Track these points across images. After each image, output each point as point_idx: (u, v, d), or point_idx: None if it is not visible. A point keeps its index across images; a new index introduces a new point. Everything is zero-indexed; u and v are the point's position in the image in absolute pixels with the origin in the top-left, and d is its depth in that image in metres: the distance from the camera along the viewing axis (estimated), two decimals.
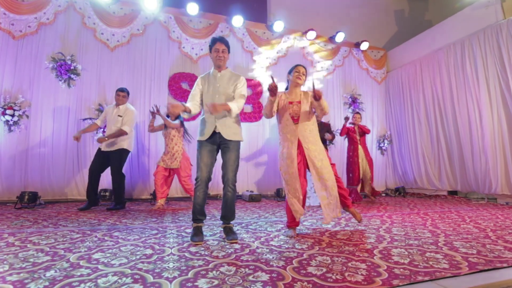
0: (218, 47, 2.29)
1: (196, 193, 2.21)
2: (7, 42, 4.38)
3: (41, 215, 3.23)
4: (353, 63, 6.73)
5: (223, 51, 2.31)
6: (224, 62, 2.34)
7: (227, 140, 2.24)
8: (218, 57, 2.29)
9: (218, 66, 2.33)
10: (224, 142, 2.25)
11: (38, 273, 1.43)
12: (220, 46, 2.30)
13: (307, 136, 2.42)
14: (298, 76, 2.49)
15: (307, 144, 2.40)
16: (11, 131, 4.25)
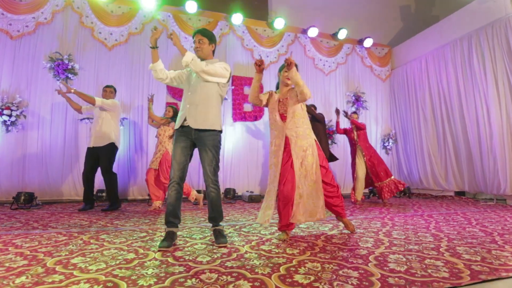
0: (195, 38, 2.19)
1: (169, 192, 2.08)
2: (4, 42, 4.37)
3: (34, 216, 3.20)
4: (356, 60, 6.57)
5: (200, 41, 2.15)
6: (202, 53, 2.17)
7: (200, 134, 2.08)
8: (195, 48, 2.18)
9: (200, 57, 2.17)
10: (198, 136, 2.09)
11: (8, 279, 1.36)
12: (197, 37, 2.17)
13: (296, 133, 2.31)
14: (287, 76, 2.36)
15: (295, 139, 2.30)
16: (8, 131, 4.24)
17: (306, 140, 2.36)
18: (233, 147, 5.48)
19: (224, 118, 5.49)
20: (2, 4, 4.41)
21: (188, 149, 2.14)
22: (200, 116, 2.08)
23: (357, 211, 3.82)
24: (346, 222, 2.45)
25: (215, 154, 2.13)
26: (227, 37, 5.65)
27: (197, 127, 2.08)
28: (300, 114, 2.37)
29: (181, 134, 2.12)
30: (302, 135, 2.35)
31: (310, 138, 2.40)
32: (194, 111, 2.08)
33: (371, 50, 6.66)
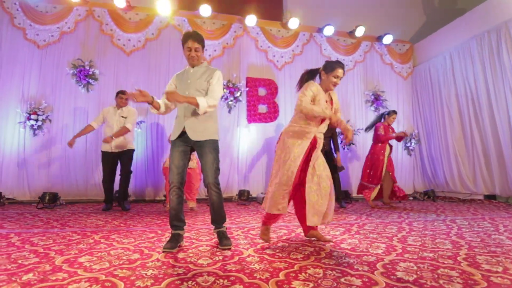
0: (190, 45, 2.06)
1: (170, 197, 2.08)
2: (32, 52, 4.67)
3: (55, 215, 3.36)
4: (375, 58, 6.34)
5: (196, 49, 2.08)
6: (197, 61, 2.15)
7: (200, 142, 2.08)
8: (190, 57, 2.10)
9: (192, 65, 2.16)
10: (196, 143, 2.10)
11: (16, 275, 1.43)
12: (193, 45, 2.06)
13: (321, 137, 2.26)
14: (335, 83, 2.19)
15: (320, 141, 2.23)
16: (35, 135, 4.52)
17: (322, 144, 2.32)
18: (248, 148, 5.47)
19: (238, 119, 5.51)
20: (30, 17, 4.71)
21: (187, 153, 2.14)
22: (199, 128, 2.08)
23: (373, 214, 3.66)
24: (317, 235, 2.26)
25: (216, 157, 2.12)
26: (241, 39, 5.67)
27: (196, 138, 2.08)
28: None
29: (180, 140, 2.12)
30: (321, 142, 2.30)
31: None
32: (192, 123, 2.07)
33: (391, 47, 6.40)
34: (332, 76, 2.18)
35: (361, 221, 3.13)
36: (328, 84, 2.20)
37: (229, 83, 5.40)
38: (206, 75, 2.15)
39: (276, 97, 5.72)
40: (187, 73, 2.18)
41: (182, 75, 2.20)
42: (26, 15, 4.71)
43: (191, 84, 2.12)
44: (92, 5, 5.02)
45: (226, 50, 5.56)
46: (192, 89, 2.11)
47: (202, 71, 2.16)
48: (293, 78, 5.84)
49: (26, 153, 4.51)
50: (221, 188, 2.16)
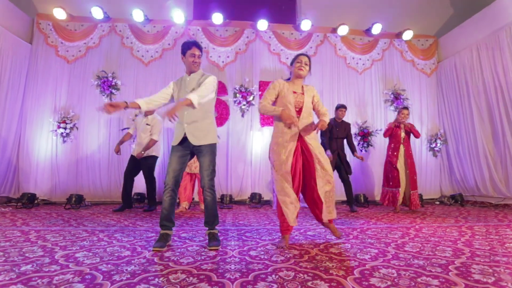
0: (194, 52, 2.23)
1: (163, 197, 2.19)
2: (63, 66, 5.16)
3: (76, 215, 3.67)
4: (395, 55, 6.06)
5: (199, 56, 2.26)
6: (198, 67, 2.30)
7: (200, 147, 2.20)
8: (194, 62, 2.24)
9: (192, 71, 2.28)
10: (197, 147, 2.21)
11: (18, 266, 1.61)
12: (197, 51, 2.24)
13: (310, 136, 2.25)
14: (300, 67, 2.29)
15: (310, 140, 2.23)
16: (64, 142, 4.97)
17: (317, 141, 2.32)
18: (261, 152, 5.50)
19: (252, 123, 5.58)
20: (61, 35, 5.22)
21: (186, 157, 2.25)
22: (200, 133, 2.19)
23: (384, 218, 3.50)
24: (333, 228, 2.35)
25: (213, 160, 2.22)
26: (254, 44, 5.75)
27: (198, 144, 2.19)
28: (311, 114, 2.32)
29: (180, 146, 2.23)
30: (314, 136, 2.29)
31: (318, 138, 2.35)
32: (193, 129, 2.19)
33: (413, 43, 6.07)
34: (295, 63, 2.31)
35: (366, 226, 3.01)
36: (294, 71, 2.32)
37: (242, 87, 5.50)
38: (201, 80, 2.26)
39: None
40: (185, 82, 2.31)
41: (181, 84, 2.33)
42: (58, 34, 5.23)
43: (186, 91, 2.24)
44: (114, 21, 5.43)
45: (239, 55, 5.68)
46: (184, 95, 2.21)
47: (198, 78, 2.28)
48: (306, 79, 5.74)
49: (57, 159, 4.97)
50: (215, 190, 2.25)
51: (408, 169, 4.17)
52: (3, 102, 4.62)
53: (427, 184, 5.69)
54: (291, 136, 2.21)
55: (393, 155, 4.27)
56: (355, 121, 5.76)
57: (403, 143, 4.26)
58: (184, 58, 2.27)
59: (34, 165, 4.91)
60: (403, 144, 4.25)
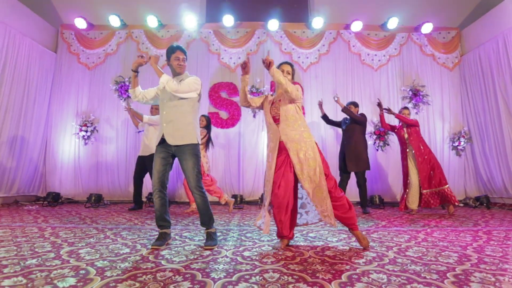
0: (178, 55, 2.27)
1: (154, 200, 2.23)
2: (84, 73, 5.48)
3: (94, 213, 3.88)
4: (413, 50, 5.78)
5: (183, 59, 2.30)
6: (183, 70, 2.33)
7: (179, 147, 2.19)
8: (179, 65, 2.28)
9: (176, 74, 2.32)
10: (177, 149, 2.21)
11: (24, 260, 1.73)
12: (181, 55, 2.28)
13: (291, 135, 2.20)
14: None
15: (291, 143, 2.18)
16: (86, 144, 5.27)
17: (304, 144, 2.22)
18: None
19: (263, 124, 5.57)
20: (82, 43, 5.54)
21: (168, 159, 2.25)
22: (177, 133, 2.20)
23: (395, 221, 3.36)
24: (358, 235, 2.16)
25: (196, 162, 2.22)
26: (265, 44, 5.75)
27: (175, 143, 2.20)
28: (294, 116, 2.24)
29: (161, 147, 2.26)
30: (299, 138, 2.22)
31: (308, 141, 2.25)
32: (170, 129, 2.20)
33: (433, 36, 5.76)
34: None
35: (373, 229, 2.91)
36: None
37: (253, 88, 5.52)
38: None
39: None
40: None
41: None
42: (79, 42, 5.56)
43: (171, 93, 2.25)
44: (130, 28, 5.67)
45: (250, 56, 5.70)
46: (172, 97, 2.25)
47: (181, 79, 2.31)
48: (319, 78, 5.70)
49: (79, 160, 5.29)
50: (205, 191, 2.27)
51: (418, 168, 3.96)
52: (31, 108, 4.99)
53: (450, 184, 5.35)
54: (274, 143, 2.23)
55: (403, 159, 4.14)
56: (371, 120, 5.57)
57: (410, 142, 4.07)
58: (169, 62, 2.32)
59: (59, 166, 5.26)
60: (410, 144, 4.06)
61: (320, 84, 5.68)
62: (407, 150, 4.11)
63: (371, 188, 5.36)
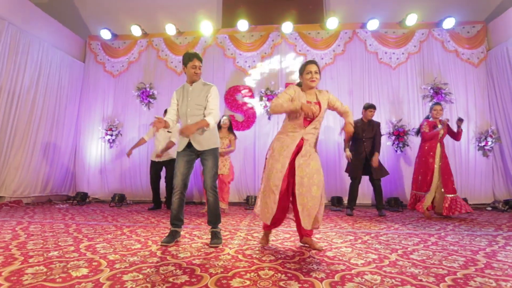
0: (196, 63, 2.36)
1: (173, 199, 2.36)
2: (109, 81, 5.85)
3: (116, 212, 4.14)
4: (434, 46, 5.55)
5: (200, 67, 2.40)
6: (199, 77, 2.43)
7: (204, 150, 2.35)
8: (195, 73, 2.37)
9: (193, 81, 2.42)
10: (202, 152, 2.36)
11: (47, 252, 1.93)
12: (198, 63, 2.37)
13: (310, 142, 2.22)
14: (311, 78, 2.19)
15: (308, 147, 2.19)
16: (111, 147, 5.62)
17: (315, 148, 2.28)
18: None
19: (278, 125, 5.61)
20: (107, 53, 5.93)
21: (192, 162, 2.41)
22: (203, 141, 2.35)
23: (411, 224, 3.26)
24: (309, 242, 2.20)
25: (215, 162, 2.37)
26: (279, 47, 5.80)
27: (202, 149, 2.35)
28: (321, 122, 2.28)
29: (186, 151, 2.39)
30: (313, 142, 2.26)
31: (316, 146, 2.30)
32: (198, 136, 2.34)
33: (456, 31, 5.50)
34: (305, 74, 2.21)
35: (384, 231, 2.86)
36: (306, 83, 2.22)
37: (267, 90, 5.59)
38: (204, 91, 2.41)
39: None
40: (187, 91, 2.46)
41: (182, 93, 2.48)
42: (105, 52, 5.95)
43: (190, 102, 2.40)
44: (151, 36, 5.98)
45: (265, 59, 5.78)
46: (192, 107, 2.39)
47: (200, 88, 2.43)
48: (334, 78, 5.65)
49: (105, 162, 5.65)
50: (218, 192, 2.39)
51: (442, 170, 3.81)
52: (63, 115, 5.42)
53: (476, 187, 5.08)
54: (293, 140, 2.21)
55: (428, 155, 3.91)
56: (389, 120, 5.43)
57: (440, 141, 3.89)
58: (186, 68, 2.41)
59: (87, 168, 5.65)
60: (440, 143, 3.89)
61: (335, 84, 5.62)
62: (436, 147, 3.90)
63: (388, 191, 5.21)
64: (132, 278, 1.48)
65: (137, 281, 1.44)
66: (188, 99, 2.41)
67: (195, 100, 2.39)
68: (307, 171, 2.15)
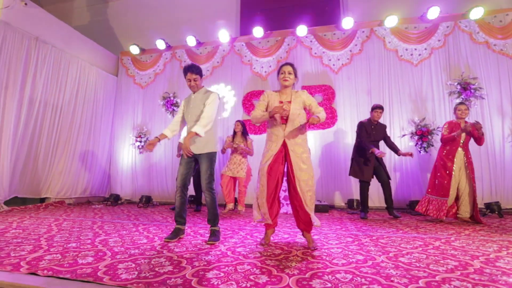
0: (189, 77, 2.56)
1: (175, 197, 2.58)
2: (138, 92, 6.40)
3: (140, 212, 4.52)
4: (461, 39, 5.19)
5: (195, 79, 2.57)
6: (197, 88, 2.62)
7: (200, 154, 2.53)
8: (190, 86, 2.59)
9: (194, 91, 2.63)
10: (199, 155, 2.54)
11: (67, 243, 2.25)
12: (192, 76, 2.55)
13: (294, 138, 2.32)
14: (284, 78, 2.38)
15: (293, 146, 2.30)
16: (140, 153, 6.12)
17: (303, 148, 2.35)
18: None
19: None
20: (137, 66, 6.49)
21: (191, 164, 2.60)
22: (199, 144, 2.54)
23: (425, 228, 3.12)
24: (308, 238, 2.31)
25: (210, 166, 2.54)
26: (295, 50, 5.86)
27: (198, 152, 2.54)
28: (301, 121, 2.36)
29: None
30: (300, 143, 2.33)
31: (306, 145, 2.37)
32: (196, 141, 2.53)
33: (486, 21, 5.09)
34: (280, 74, 2.40)
35: (388, 234, 2.79)
36: (280, 82, 2.42)
37: None
38: (204, 99, 2.60)
39: (333, 102, 5.56)
40: (190, 99, 2.70)
41: (188, 101, 2.72)
42: (134, 65, 6.52)
43: (192, 109, 2.62)
44: (174, 49, 6.42)
45: (280, 63, 5.85)
46: (193, 113, 2.60)
47: (200, 97, 2.63)
48: (352, 79, 5.55)
49: (135, 166, 6.16)
50: (215, 192, 2.56)
51: (467, 177, 3.56)
52: (99, 124, 6.05)
53: (510, 190, 4.63)
54: (277, 142, 2.32)
55: (447, 158, 3.68)
56: (411, 119, 5.19)
57: (463, 146, 3.64)
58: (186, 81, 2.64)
59: (120, 172, 6.21)
60: (462, 148, 3.64)
61: (353, 85, 5.52)
62: (456, 152, 3.66)
63: (412, 193, 4.98)
64: (125, 266, 1.69)
65: (128, 269, 1.65)
66: (190, 107, 2.63)
67: (196, 107, 2.60)
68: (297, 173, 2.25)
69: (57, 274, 1.54)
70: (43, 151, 4.90)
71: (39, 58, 4.75)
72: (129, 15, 7.25)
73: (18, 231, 2.70)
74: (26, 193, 4.69)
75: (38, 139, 4.81)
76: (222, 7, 6.72)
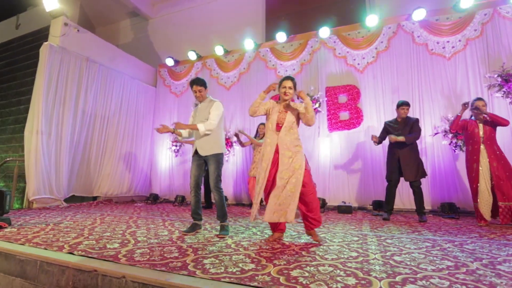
0: (195, 89, 2.87)
1: (190, 196, 2.87)
2: (174, 100, 6.99)
3: (173, 209, 4.97)
4: (502, 27, 4.74)
5: (200, 90, 2.87)
6: (202, 98, 2.91)
7: (208, 156, 2.79)
8: (196, 97, 2.91)
9: (200, 101, 2.93)
10: (206, 157, 2.81)
11: (105, 232, 2.68)
12: (196, 88, 2.86)
13: (286, 144, 2.48)
14: (285, 92, 2.54)
15: (284, 150, 2.47)
16: (176, 156, 6.68)
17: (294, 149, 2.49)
18: (330, 157, 5.52)
19: (319, 130, 5.69)
20: (172, 77, 7.10)
21: (202, 166, 2.89)
22: (206, 147, 2.81)
23: (440, 232, 2.99)
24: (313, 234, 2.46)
25: (218, 167, 2.79)
26: (318, 52, 5.89)
27: (204, 154, 2.82)
28: (294, 129, 2.55)
29: (196, 156, 2.89)
30: (290, 145, 2.50)
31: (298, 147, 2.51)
32: (201, 143, 2.82)
33: None
34: (281, 88, 2.55)
35: (398, 235, 2.75)
36: (281, 96, 2.56)
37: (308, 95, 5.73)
38: (209, 107, 2.89)
39: (358, 102, 5.47)
40: (197, 108, 3.03)
41: (196, 110, 3.05)
42: (170, 76, 7.15)
43: (199, 116, 2.94)
44: (204, 58, 6.89)
45: (304, 66, 5.97)
46: (199, 120, 2.89)
47: (205, 106, 2.94)
48: (377, 78, 5.41)
49: (172, 168, 6.74)
50: (222, 191, 2.81)
51: (493, 174, 3.31)
52: (141, 131, 6.76)
53: None
54: (271, 147, 2.50)
55: (472, 159, 3.48)
56: (445, 116, 4.88)
57: (484, 142, 3.43)
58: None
59: (159, 174, 6.84)
60: (484, 144, 3.42)
61: (379, 83, 5.37)
62: (479, 151, 3.47)
63: (447, 195, 4.68)
64: (142, 252, 2.02)
65: (143, 254, 1.97)
66: (197, 114, 2.95)
67: (202, 115, 2.90)
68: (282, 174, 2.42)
69: (87, 255, 1.92)
70: (94, 156, 5.67)
71: (89, 76, 5.53)
72: (165, 29, 7.95)
73: (70, 223, 3.25)
74: (81, 192, 5.48)
75: (89, 146, 5.59)
76: (248, 16, 7.02)
